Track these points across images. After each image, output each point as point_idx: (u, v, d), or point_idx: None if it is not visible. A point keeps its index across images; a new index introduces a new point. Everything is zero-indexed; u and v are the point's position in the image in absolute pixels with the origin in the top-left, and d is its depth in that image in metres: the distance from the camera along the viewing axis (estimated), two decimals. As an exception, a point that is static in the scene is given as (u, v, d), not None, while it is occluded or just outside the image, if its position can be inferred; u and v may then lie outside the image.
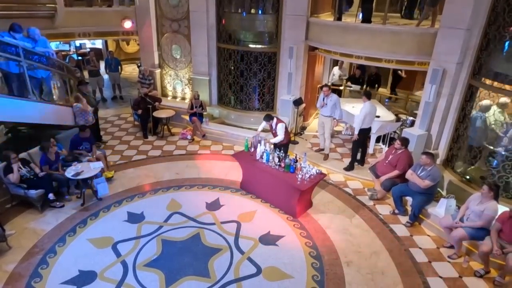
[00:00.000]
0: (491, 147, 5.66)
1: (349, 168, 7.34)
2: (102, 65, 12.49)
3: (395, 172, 6.00)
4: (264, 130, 7.09)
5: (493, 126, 5.65)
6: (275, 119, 6.73)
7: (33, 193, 5.60)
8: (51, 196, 5.76)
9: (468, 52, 5.92)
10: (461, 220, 5.00)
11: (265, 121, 6.72)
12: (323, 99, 7.39)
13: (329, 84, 10.75)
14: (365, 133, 7.11)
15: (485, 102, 5.73)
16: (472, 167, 6.01)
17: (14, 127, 7.03)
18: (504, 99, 5.45)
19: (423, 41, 6.41)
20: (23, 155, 6.02)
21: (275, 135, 6.76)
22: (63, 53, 13.61)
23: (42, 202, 5.76)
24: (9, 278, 4.45)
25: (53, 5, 9.25)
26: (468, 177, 5.97)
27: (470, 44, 5.86)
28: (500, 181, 5.41)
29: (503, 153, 5.41)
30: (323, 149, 7.91)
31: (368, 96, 7.00)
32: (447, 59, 6.06)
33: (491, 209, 4.69)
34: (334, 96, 7.36)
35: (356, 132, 6.94)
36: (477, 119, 5.84)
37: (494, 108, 5.60)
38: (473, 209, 4.86)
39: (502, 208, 4.78)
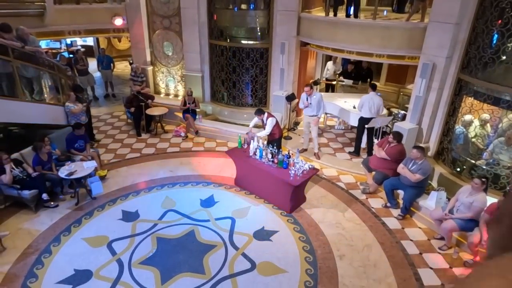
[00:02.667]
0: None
1: (355, 153, 7.86)
2: (93, 62, 12.38)
3: (385, 156, 6.07)
4: (258, 126, 7.11)
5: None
6: (266, 114, 6.76)
7: (26, 193, 5.59)
8: (45, 196, 5.75)
9: (457, 46, 5.98)
10: (451, 212, 5.11)
11: (256, 115, 6.76)
12: (307, 99, 7.26)
13: (324, 79, 10.83)
14: (363, 121, 7.28)
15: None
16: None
17: (6, 127, 6.98)
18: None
19: (413, 36, 6.45)
20: (15, 155, 6.00)
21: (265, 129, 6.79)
22: (53, 51, 13.48)
23: (36, 202, 5.75)
24: (4, 279, 4.47)
25: (42, 3, 9.16)
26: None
27: (459, 38, 5.92)
28: (489, 173, 5.52)
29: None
30: (306, 150, 7.89)
31: (372, 88, 7.45)
32: (437, 53, 6.12)
33: (480, 201, 4.79)
34: (317, 94, 7.28)
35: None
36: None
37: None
38: (463, 201, 4.96)
39: (490, 200, 4.88)
